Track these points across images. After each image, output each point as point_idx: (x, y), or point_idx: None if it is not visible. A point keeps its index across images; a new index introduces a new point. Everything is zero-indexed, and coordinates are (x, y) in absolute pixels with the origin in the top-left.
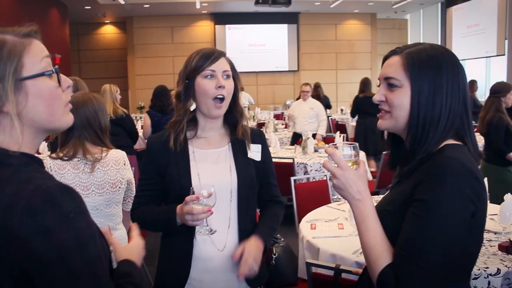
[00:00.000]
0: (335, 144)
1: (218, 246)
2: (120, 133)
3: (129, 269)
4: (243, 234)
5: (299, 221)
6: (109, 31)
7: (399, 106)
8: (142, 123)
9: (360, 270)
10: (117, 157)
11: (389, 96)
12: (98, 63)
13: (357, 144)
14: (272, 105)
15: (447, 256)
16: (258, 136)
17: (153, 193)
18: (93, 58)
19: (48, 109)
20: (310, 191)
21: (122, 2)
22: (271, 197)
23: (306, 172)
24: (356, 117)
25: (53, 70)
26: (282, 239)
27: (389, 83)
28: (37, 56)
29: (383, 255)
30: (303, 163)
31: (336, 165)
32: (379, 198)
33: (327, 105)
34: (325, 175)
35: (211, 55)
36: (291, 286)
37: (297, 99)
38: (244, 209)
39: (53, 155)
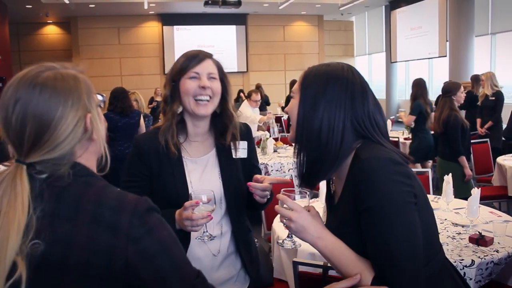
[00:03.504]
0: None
1: (213, 252)
2: None
3: None
4: (237, 237)
5: (267, 222)
6: (52, 32)
7: (290, 116)
8: None
9: None
10: None
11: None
12: None
13: (308, 192)
14: None
15: (415, 243)
16: (244, 132)
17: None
18: (35, 60)
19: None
20: (274, 191)
21: (66, 2)
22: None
23: (267, 173)
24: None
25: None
26: (256, 240)
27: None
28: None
29: (364, 273)
30: (263, 163)
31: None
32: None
33: (266, 102)
34: (290, 176)
35: (196, 56)
36: (268, 287)
37: (236, 101)
38: (235, 212)
39: (7, 163)
